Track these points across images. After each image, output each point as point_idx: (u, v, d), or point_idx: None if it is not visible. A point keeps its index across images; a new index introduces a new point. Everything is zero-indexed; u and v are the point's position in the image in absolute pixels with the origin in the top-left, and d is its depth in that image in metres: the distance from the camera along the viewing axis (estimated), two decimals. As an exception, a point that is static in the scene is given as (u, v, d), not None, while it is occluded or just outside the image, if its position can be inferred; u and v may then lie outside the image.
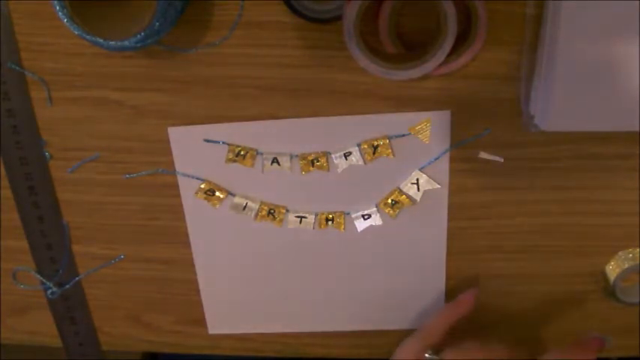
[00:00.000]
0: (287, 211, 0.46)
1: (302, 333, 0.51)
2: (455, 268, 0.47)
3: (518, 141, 0.42)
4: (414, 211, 0.45)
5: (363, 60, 0.35)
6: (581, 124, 0.38)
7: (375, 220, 0.46)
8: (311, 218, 0.46)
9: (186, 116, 0.43)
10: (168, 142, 0.44)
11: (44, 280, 0.51)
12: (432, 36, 0.35)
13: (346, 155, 0.44)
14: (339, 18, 0.37)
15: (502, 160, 0.43)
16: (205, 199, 0.46)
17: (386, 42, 0.38)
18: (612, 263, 0.46)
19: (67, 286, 0.51)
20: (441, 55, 0.34)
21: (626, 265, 0.45)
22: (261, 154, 0.44)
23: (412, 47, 0.39)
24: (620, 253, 0.45)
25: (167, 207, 0.47)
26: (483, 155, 0.43)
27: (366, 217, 0.46)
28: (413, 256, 0.47)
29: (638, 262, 0.45)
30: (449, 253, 0.47)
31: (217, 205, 0.46)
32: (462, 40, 0.37)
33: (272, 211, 0.46)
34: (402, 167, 0.44)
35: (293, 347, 0.52)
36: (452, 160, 0.43)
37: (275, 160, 0.44)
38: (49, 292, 0.51)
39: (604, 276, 0.46)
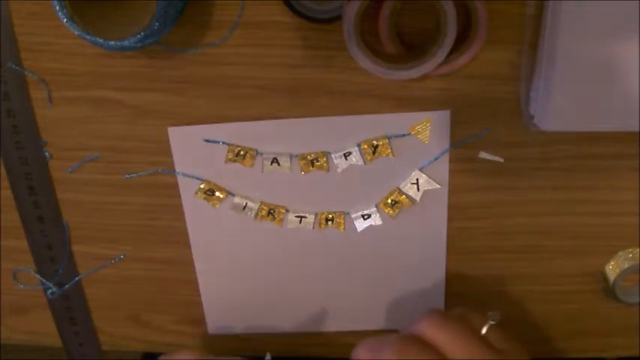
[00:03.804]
0: (287, 211, 0.46)
1: (302, 333, 0.51)
2: (455, 268, 0.47)
3: (518, 141, 0.42)
4: (414, 211, 0.45)
5: (363, 60, 0.35)
6: (581, 124, 0.38)
7: (375, 220, 0.46)
8: (311, 218, 0.46)
9: (186, 116, 0.43)
10: (168, 142, 0.44)
11: (44, 280, 0.51)
12: (432, 36, 0.36)
13: (346, 155, 0.44)
14: (339, 18, 0.37)
15: (502, 160, 0.43)
16: (205, 199, 0.46)
17: (386, 42, 0.38)
18: (612, 263, 0.46)
19: (67, 286, 0.51)
20: (441, 55, 0.34)
21: (626, 265, 0.45)
22: (261, 154, 0.44)
23: (412, 47, 0.39)
24: (620, 253, 0.45)
25: (167, 207, 0.47)
26: (483, 155, 0.43)
27: (365, 217, 0.46)
28: (413, 257, 0.47)
29: (638, 262, 0.45)
30: (449, 253, 0.47)
31: (217, 205, 0.46)
32: (462, 40, 0.37)
33: (272, 211, 0.46)
34: (402, 167, 0.44)
35: (293, 347, 0.52)
36: (452, 160, 0.43)
37: (275, 160, 0.44)
38: (49, 292, 0.51)
39: (604, 276, 0.46)
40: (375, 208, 0.45)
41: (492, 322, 0.37)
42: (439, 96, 0.41)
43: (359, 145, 0.43)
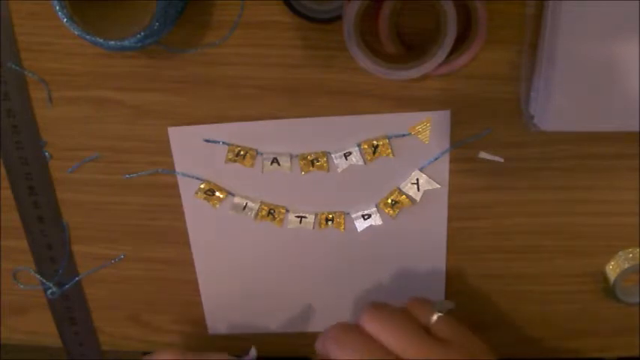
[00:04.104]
0: (287, 211, 0.46)
1: (302, 333, 0.51)
2: (455, 268, 0.47)
3: (518, 141, 0.42)
4: (414, 211, 0.45)
5: (363, 60, 0.35)
6: (581, 124, 0.38)
7: (375, 220, 0.46)
8: (311, 218, 0.46)
9: (186, 116, 0.43)
10: (168, 142, 0.44)
11: (44, 280, 0.51)
12: (432, 36, 0.36)
13: (346, 155, 0.44)
14: (339, 18, 0.37)
15: (502, 160, 0.43)
16: (205, 199, 0.46)
17: (386, 42, 0.38)
18: (612, 263, 0.46)
19: (67, 286, 0.51)
20: (441, 55, 0.34)
21: (626, 265, 0.45)
22: (261, 154, 0.44)
23: (412, 47, 0.39)
24: (620, 253, 0.45)
25: (167, 207, 0.47)
26: (483, 155, 0.43)
27: (366, 217, 0.46)
28: (413, 256, 0.47)
29: (638, 262, 0.45)
30: (449, 253, 0.47)
31: (217, 205, 0.46)
32: (462, 40, 0.37)
33: (272, 211, 0.46)
34: (402, 167, 0.44)
35: (293, 347, 0.52)
36: (452, 160, 0.43)
37: (275, 160, 0.44)
38: (49, 292, 0.51)
39: (604, 276, 0.46)
40: (375, 208, 0.45)
41: (439, 314, 0.37)
42: (439, 96, 0.41)
43: (359, 145, 0.43)
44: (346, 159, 0.44)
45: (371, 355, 0.35)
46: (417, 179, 0.44)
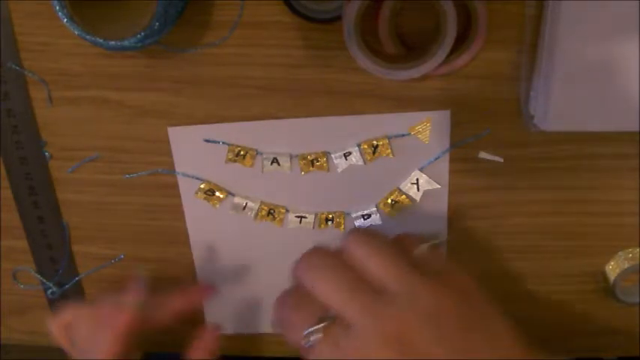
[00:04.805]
0: (287, 211, 0.46)
1: (302, 333, 0.51)
2: (455, 268, 0.47)
3: (518, 141, 0.42)
4: (414, 211, 0.45)
5: (363, 60, 0.35)
6: (581, 124, 0.38)
7: (375, 220, 0.46)
8: (311, 218, 0.46)
9: (186, 116, 0.43)
10: (168, 142, 0.44)
11: (44, 280, 0.51)
12: (432, 36, 0.36)
13: (346, 155, 0.44)
14: (339, 18, 0.37)
15: (502, 160, 0.43)
16: (205, 199, 0.46)
17: (386, 42, 0.38)
18: (612, 263, 0.46)
19: (67, 286, 0.51)
20: (441, 55, 0.34)
21: (626, 265, 0.45)
22: (261, 154, 0.44)
23: (412, 47, 0.39)
24: (620, 253, 0.45)
25: (167, 207, 0.47)
26: (483, 155, 0.43)
27: (366, 217, 0.46)
28: (413, 256, 0.47)
29: (638, 262, 0.45)
30: (449, 253, 0.47)
31: (217, 205, 0.46)
32: (462, 40, 0.37)
33: (272, 211, 0.46)
34: (402, 167, 0.44)
35: (293, 347, 0.52)
36: (452, 160, 0.43)
37: (275, 160, 0.44)
38: (49, 292, 0.51)
39: (604, 276, 0.46)
40: (375, 208, 0.45)
41: (429, 244, 0.34)
42: (439, 96, 0.41)
43: (359, 145, 0.43)
44: (346, 159, 0.44)
45: (353, 283, 0.32)
46: (417, 179, 0.44)
